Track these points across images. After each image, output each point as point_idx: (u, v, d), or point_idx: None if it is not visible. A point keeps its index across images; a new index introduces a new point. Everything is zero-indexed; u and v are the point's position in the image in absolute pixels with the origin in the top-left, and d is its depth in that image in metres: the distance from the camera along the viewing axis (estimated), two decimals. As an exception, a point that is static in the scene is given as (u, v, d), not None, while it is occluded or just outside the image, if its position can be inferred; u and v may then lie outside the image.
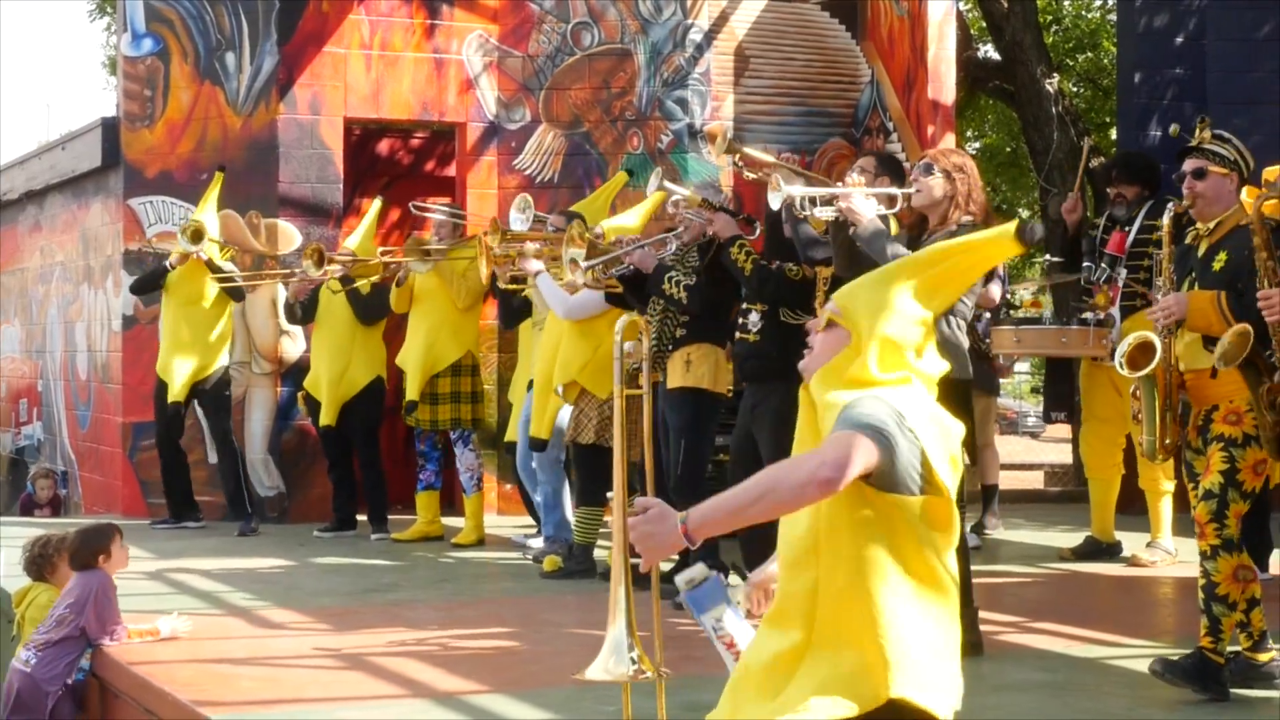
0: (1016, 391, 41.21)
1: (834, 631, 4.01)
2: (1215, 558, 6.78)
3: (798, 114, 14.06)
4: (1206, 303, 6.74)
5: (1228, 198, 6.95)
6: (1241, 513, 6.78)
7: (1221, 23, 14.43)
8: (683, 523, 3.97)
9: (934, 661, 4.04)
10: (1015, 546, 12.00)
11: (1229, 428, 6.77)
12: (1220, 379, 6.79)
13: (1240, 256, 6.78)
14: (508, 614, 9.07)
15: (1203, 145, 7.01)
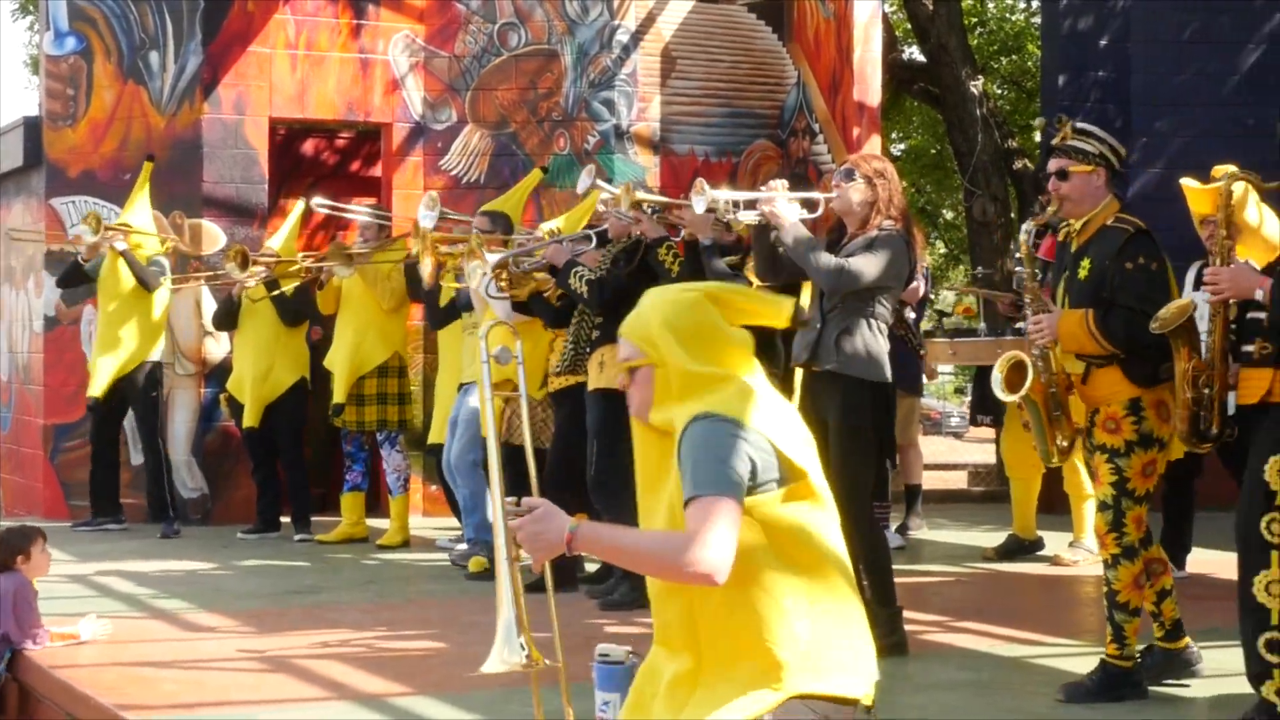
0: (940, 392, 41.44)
1: (722, 649, 4.05)
2: (1116, 566, 6.84)
3: (724, 115, 14.09)
4: (1076, 325, 6.75)
5: (1095, 194, 6.89)
6: (1140, 515, 6.82)
7: (1145, 25, 14.55)
8: (571, 530, 4.00)
9: (831, 648, 4.08)
10: (939, 546, 12.06)
11: (1109, 437, 6.80)
12: (1097, 381, 6.82)
13: (1102, 265, 6.77)
14: (433, 616, 9.05)
15: (1065, 144, 6.98)
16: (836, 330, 7.58)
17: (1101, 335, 6.67)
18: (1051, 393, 6.93)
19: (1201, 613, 8.45)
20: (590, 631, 8.16)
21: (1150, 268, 6.73)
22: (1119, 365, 6.75)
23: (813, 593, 4.07)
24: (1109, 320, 6.67)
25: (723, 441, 3.99)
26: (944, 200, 26.57)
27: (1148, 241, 6.78)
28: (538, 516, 4.06)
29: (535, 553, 4.09)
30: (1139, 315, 6.61)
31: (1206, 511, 10.34)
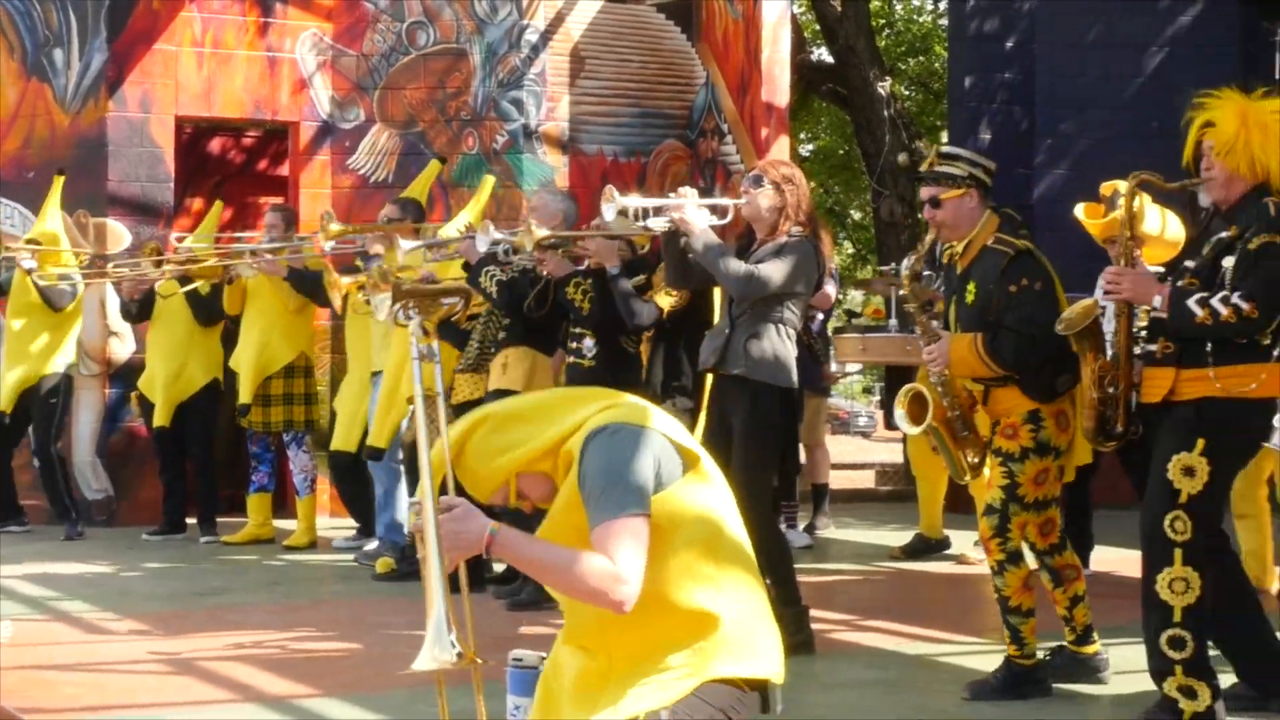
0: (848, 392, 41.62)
1: (635, 645, 4.07)
2: (1003, 573, 6.90)
3: (633, 115, 14.10)
4: (966, 350, 6.80)
5: (970, 215, 6.95)
6: (1025, 523, 6.89)
7: (1051, 28, 14.66)
8: (491, 534, 4.01)
9: (743, 631, 4.11)
10: (846, 545, 12.12)
11: (1006, 442, 6.87)
12: (996, 399, 6.90)
13: (986, 288, 6.84)
14: (340, 616, 9.01)
15: (933, 170, 7.04)
16: (745, 335, 7.62)
17: (990, 359, 6.74)
18: (955, 415, 7.00)
19: (1104, 610, 8.52)
20: (500, 631, 8.15)
21: (1034, 288, 6.79)
22: (1016, 384, 6.82)
23: (723, 578, 4.10)
24: (997, 343, 6.74)
25: (626, 452, 4.00)
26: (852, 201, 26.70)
27: (1029, 262, 6.85)
28: (456, 516, 4.06)
29: (453, 552, 4.08)
30: (1025, 338, 6.69)
31: (1105, 510, 10.44)
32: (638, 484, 3.96)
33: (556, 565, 4.06)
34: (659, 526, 4.01)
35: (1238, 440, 6.28)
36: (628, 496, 3.95)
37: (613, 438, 4.02)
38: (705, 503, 4.11)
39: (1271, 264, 6.06)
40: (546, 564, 4.10)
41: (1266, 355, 6.13)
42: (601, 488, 3.97)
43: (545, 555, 4.10)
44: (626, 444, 4.01)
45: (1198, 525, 6.17)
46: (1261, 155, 6.20)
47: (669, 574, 4.04)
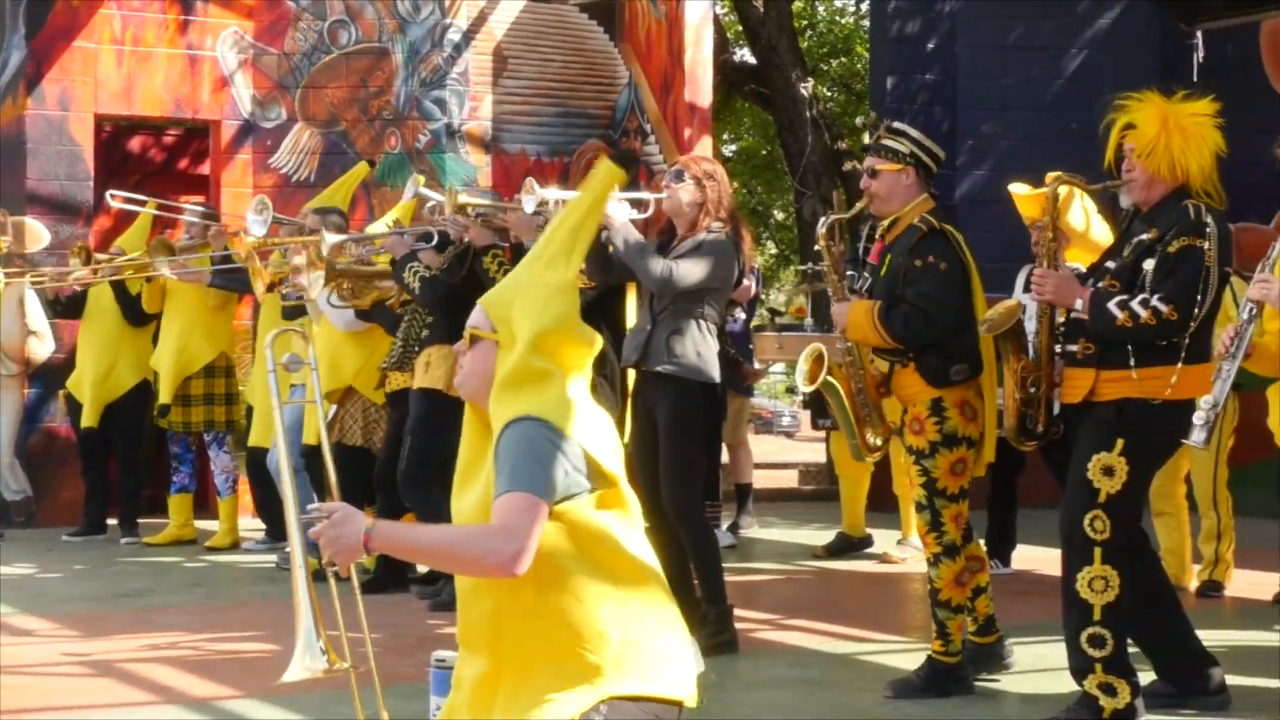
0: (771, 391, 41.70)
1: (526, 653, 4.04)
2: (938, 564, 6.95)
3: (556, 115, 14.09)
4: (862, 315, 6.86)
5: (904, 193, 7.00)
6: (958, 513, 6.93)
7: (972, 29, 14.76)
8: (366, 532, 4.00)
9: (646, 651, 4.08)
10: (769, 545, 12.16)
11: (915, 439, 6.91)
12: (900, 381, 6.95)
13: (897, 263, 6.90)
14: (262, 618, 8.97)
15: (878, 143, 7.10)
16: (666, 332, 7.64)
17: (882, 327, 6.78)
18: (859, 389, 7.03)
19: (1025, 608, 8.61)
20: (424, 632, 8.15)
21: (938, 267, 6.82)
22: (913, 364, 6.87)
23: (624, 597, 4.06)
24: (891, 315, 6.78)
25: (542, 447, 3.99)
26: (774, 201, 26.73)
27: (940, 241, 6.88)
28: (335, 521, 4.04)
29: (336, 556, 4.08)
30: (918, 313, 6.74)
31: (1029, 509, 10.51)
32: (545, 472, 3.95)
33: (442, 543, 4.08)
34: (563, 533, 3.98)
35: (1157, 441, 6.34)
36: (538, 478, 3.93)
37: (536, 427, 4.00)
38: (613, 525, 4.08)
39: (1191, 267, 6.12)
40: (432, 545, 4.13)
41: (1188, 357, 6.19)
42: (511, 463, 3.95)
43: (429, 537, 4.15)
44: (545, 438, 3.99)
45: (1117, 524, 6.23)
46: (1181, 158, 6.27)
47: (569, 584, 4.00)
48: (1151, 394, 6.17)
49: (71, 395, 12.19)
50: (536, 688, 4.02)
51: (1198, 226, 6.15)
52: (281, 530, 11.31)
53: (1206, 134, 6.34)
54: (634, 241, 7.62)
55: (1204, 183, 6.32)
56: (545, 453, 3.98)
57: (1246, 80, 13.75)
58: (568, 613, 4.02)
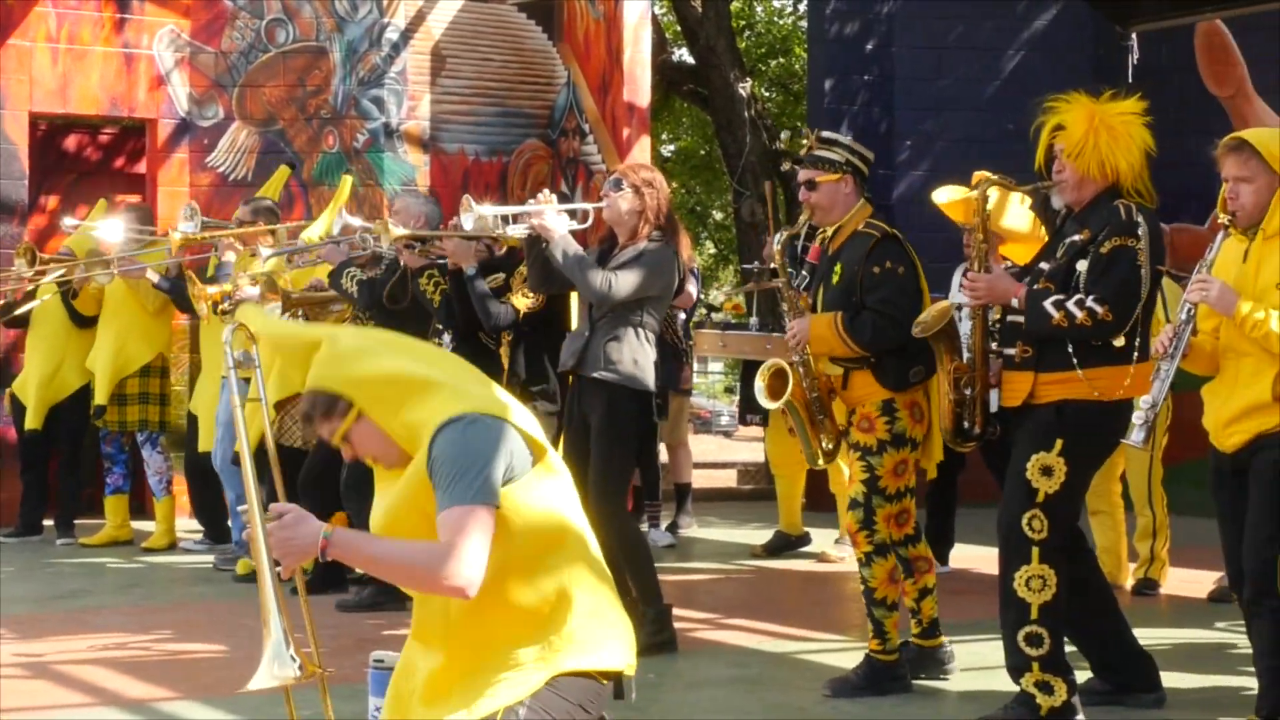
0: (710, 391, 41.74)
1: (480, 641, 4.08)
2: (870, 564, 6.99)
3: (494, 115, 14.07)
4: (826, 328, 6.91)
5: (845, 201, 7.07)
6: (891, 514, 6.97)
7: (910, 31, 14.82)
8: (325, 537, 3.99)
9: (593, 624, 4.13)
10: (708, 544, 12.17)
11: (863, 435, 6.96)
12: (854, 385, 6.99)
13: (851, 269, 6.94)
14: (200, 619, 8.94)
15: (812, 154, 7.13)
16: (604, 338, 7.67)
17: (849, 338, 6.82)
18: (814, 397, 7.06)
19: (963, 606, 8.65)
20: (362, 633, 8.13)
21: (896, 272, 6.89)
22: (870, 369, 6.90)
23: (569, 570, 4.12)
24: (856, 323, 6.83)
25: (481, 443, 3.99)
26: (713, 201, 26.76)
27: (894, 246, 6.96)
28: (287, 523, 4.04)
29: (287, 559, 4.07)
30: (884, 318, 6.78)
31: (968, 507, 10.56)
32: (488, 475, 3.96)
33: (398, 559, 4.07)
34: (506, 519, 4.01)
35: (1096, 441, 6.38)
36: (478, 486, 3.94)
37: (469, 427, 4.00)
38: (551, 496, 4.12)
39: (1124, 267, 6.16)
40: (388, 559, 4.10)
41: (1127, 357, 6.24)
42: (452, 475, 3.95)
43: (386, 551, 4.10)
44: (481, 435, 4.00)
45: (1055, 524, 6.27)
46: (1111, 157, 6.31)
47: (515, 567, 4.04)
48: (1103, 394, 6.20)
49: (16, 397, 12.11)
50: (488, 670, 4.04)
51: (1130, 226, 6.19)
52: (219, 531, 11.27)
53: (1135, 132, 6.38)
54: (573, 254, 7.65)
55: (1134, 181, 6.36)
56: (485, 448, 3.98)
57: (1181, 82, 13.85)
58: (520, 593, 4.05)
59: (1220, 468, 6.14)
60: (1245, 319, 5.83)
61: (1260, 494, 5.96)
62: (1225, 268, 6.05)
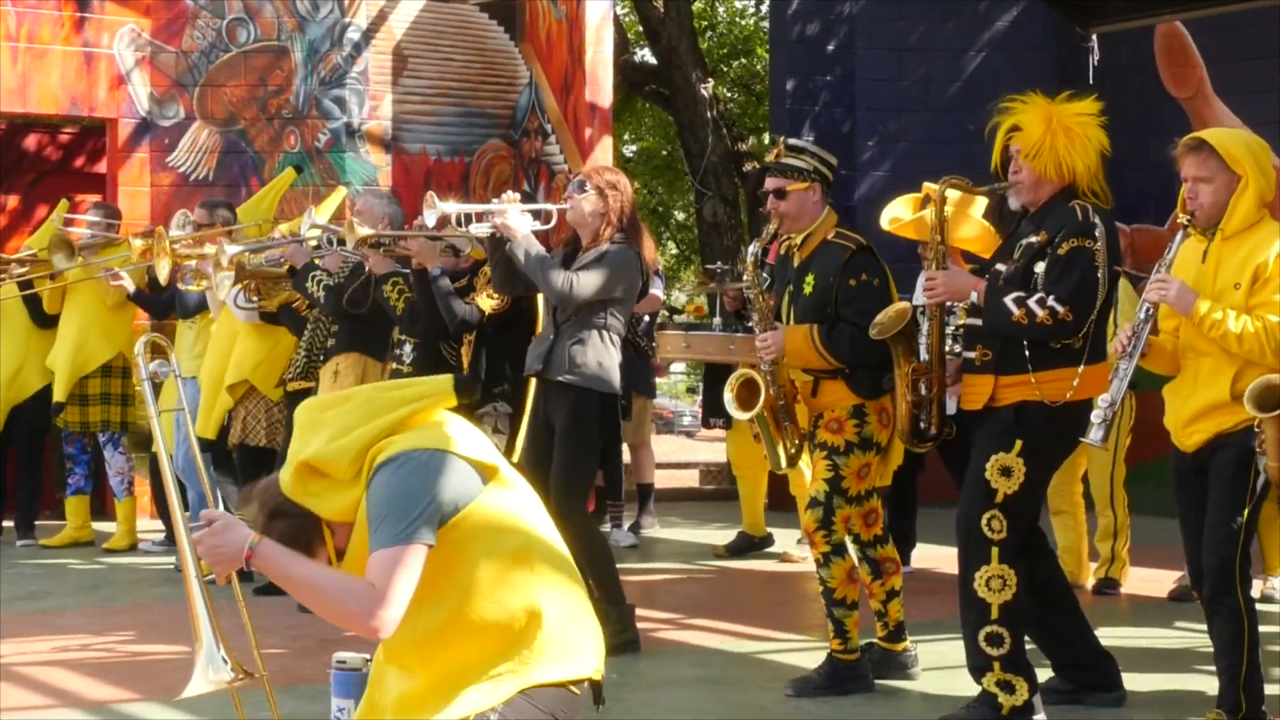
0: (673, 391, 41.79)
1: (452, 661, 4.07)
2: (828, 564, 7.00)
3: (456, 115, 14.05)
4: (802, 341, 6.92)
5: (813, 209, 7.09)
6: (848, 516, 6.99)
7: (871, 32, 14.85)
8: (251, 547, 3.98)
9: (561, 635, 4.13)
10: (671, 544, 12.18)
11: (831, 436, 6.97)
12: (825, 392, 7.00)
13: (826, 281, 6.96)
14: (162, 620, 8.90)
15: (780, 162, 7.14)
16: (569, 341, 7.67)
17: (827, 351, 6.84)
18: (780, 404, 7.08)
19: (925, 606, 8.67)
20: (324, 634, 8.10)
21: (873, 284, 6.92)
22: (843, 379, 6.92)
23: (536, 582, 4.10)
24: (834, 336, 6.84)
25: (411, 481, 3.97)
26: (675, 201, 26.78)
27: (869, 258, 6.98)
28: (216, 530, 4.01)
29: (215, 565, 4.05)
30: (863, 331, 6.78)
31: (928, 507, 10.59)
32: (418, 513, 3.93)
33: (316, 585, 4.03)
34: (461, 546, 4.00)
35: (1055, 442, 6.40)
36: (404, 526, 3.91)
37: (400, 469, 3.98)
38: (510, 510, 4.10)
39: (1082, 269, 6.18)
40: (307, 582, 4.05)
41: (1079, 359, 6.25)
42: (381, 516, 3.94)
43: (305, 574, 4.04)
44: (412, 474, 3.97)
45: (1014, 524, 6.29)
46: (1067, 158, 6.33)
47: (481, 586, 4.03)
48: (1051, 397, 6.23)
49: (-21, 399, 12.07)
50: (463, 687, 4.04)
51: (1086, 228, 6.21)
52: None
53: (1091, 134, 6.40)
54: (535, 254, 7.64)
55: (1090, 182, 6.39)
56: (413, 488, 3.96)
57: (1142, 84, 13.92)
58: (489, 612, 4.04)
59: (1181, 467, 6.18)
60: (1204, 319, 5.87)
61: (1220, 492, 5.99)
62: (1184, 268, 6.09)
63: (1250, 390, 5.72)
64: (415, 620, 3.99)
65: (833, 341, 6.85)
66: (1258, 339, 5.82)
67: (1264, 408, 5.70)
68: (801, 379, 7.05)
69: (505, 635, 4.05)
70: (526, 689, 4.05)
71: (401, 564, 3.89)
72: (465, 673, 4.06)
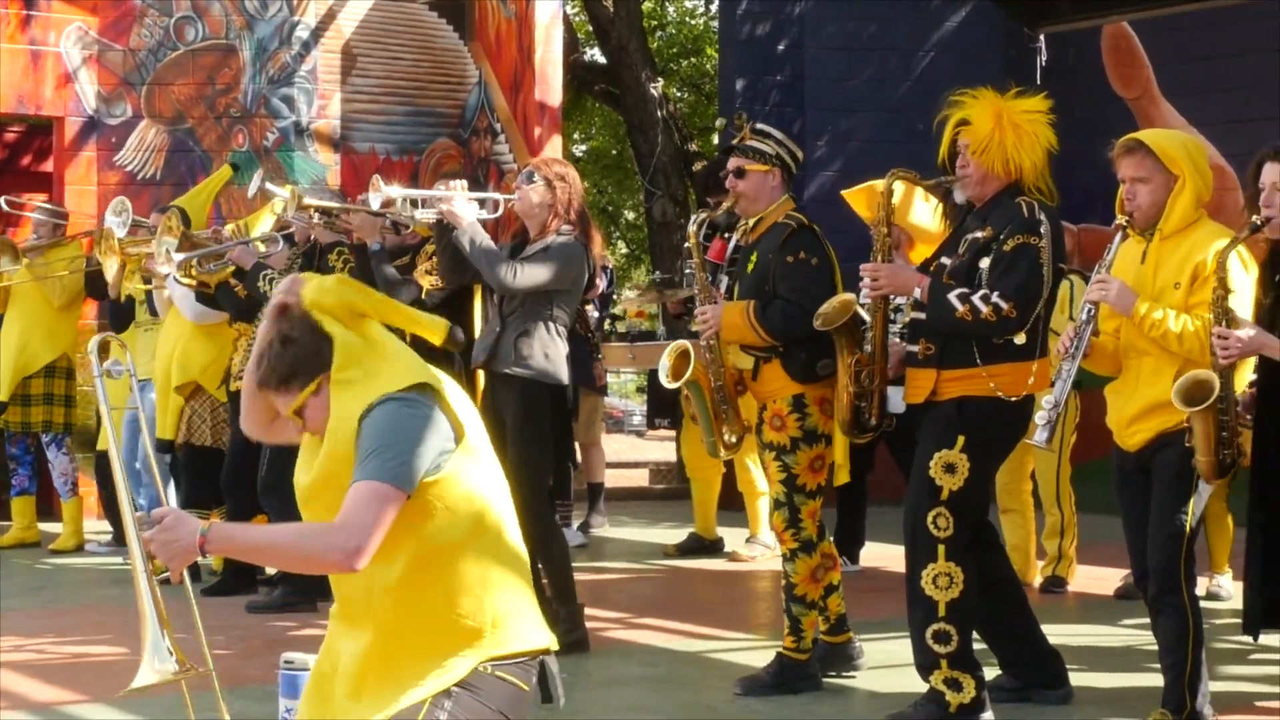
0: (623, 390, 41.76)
1: (404, 624, 4.07)
2: (794, 560, 7.01)
3: (405, 114, 14.03)
4: (738, 315, 6.92)
5: (770, 193, 7.08)
6: (815, 510, 6.99)
7: (820, 32, 14.89)
8: (202, 534, 3.97)
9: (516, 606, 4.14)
10: (621, 544, 12.18)
11: (775, 434, 6.97)
12: (764, 378, 7.00)
13: (766, 260, 6.96)
14: (109, 621, 8.86)
15: (743, 144, 7.16)
16: (515, 333, 7.65)
17: (760, 326, 6.84)
18: (718, 386, 7.07)
19: (873, 604, 8.70)
20: (272, 634, 8.09)
21: (810, 262, 6.91)
22: (779, 360, 6.92)
23: (493, 554, 4.11)
24: (768, 311, 6.84)
25: (410, 426, 3.98)
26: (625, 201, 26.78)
27: (810, 237, 6.97)
28: (167, 526, 4.01)
29: (170, 561, 4.05)
30: (796, 308, 6.79)
31: (877, 506, 10.62)
32: (410, 460, 3.94)
33: (281, 541, 4.08)
34: (429, 506, 4.00)
35: (997, 437, 6.43)
36: (393, 466, 3.92)
37: (404, 407, 4.00)
38: (474, 481, 4.11)
39: (1027, 265, 6.21)
40: (271, 544, 4.11)
41: (1030, 354, 6.28)
42: (374, 449, 3.94)
43: (268, 536, 4.13)
44: (413, 418, 3.99)
45: (960, 521, 6.31)
46: (1015, 154, 6.36)
47: (443, 556, 4.03)
48: (1007, 392, 6.25)
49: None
50: (416, 657, 4.04)
51: (1032, 224, 6.24)
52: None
53: (1039, 131, 6.43)
54: (480, 242, 7.63)
55: (1036, 179, 6.41)
56: (411, 433, 3.97)
57: (1089, 84, 13.98)
58: (442, 581, 4.05)
59: (1124, 466, 6.21)
60: (1144, 319, 5.91)
61: (1163, 491, 6.03)
62: (1124, 268, 6.13)
63: (1178, 386, 5.76)
64: (372, 571, 3.99)
65: (767, 317, 6.84)
66: (1197, 338, 5.86)
67: (1191, 403, 5.74)
68: (743, 363, 7.05)
69: (455, 601, 4.05)
70: (479, 667, 4.05)
71: (382, 499, 3.90)
72: (413, 635, 4.05)
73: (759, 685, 7.01)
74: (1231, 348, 5.72)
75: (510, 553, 4.17)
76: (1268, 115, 12.72)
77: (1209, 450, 5.82)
